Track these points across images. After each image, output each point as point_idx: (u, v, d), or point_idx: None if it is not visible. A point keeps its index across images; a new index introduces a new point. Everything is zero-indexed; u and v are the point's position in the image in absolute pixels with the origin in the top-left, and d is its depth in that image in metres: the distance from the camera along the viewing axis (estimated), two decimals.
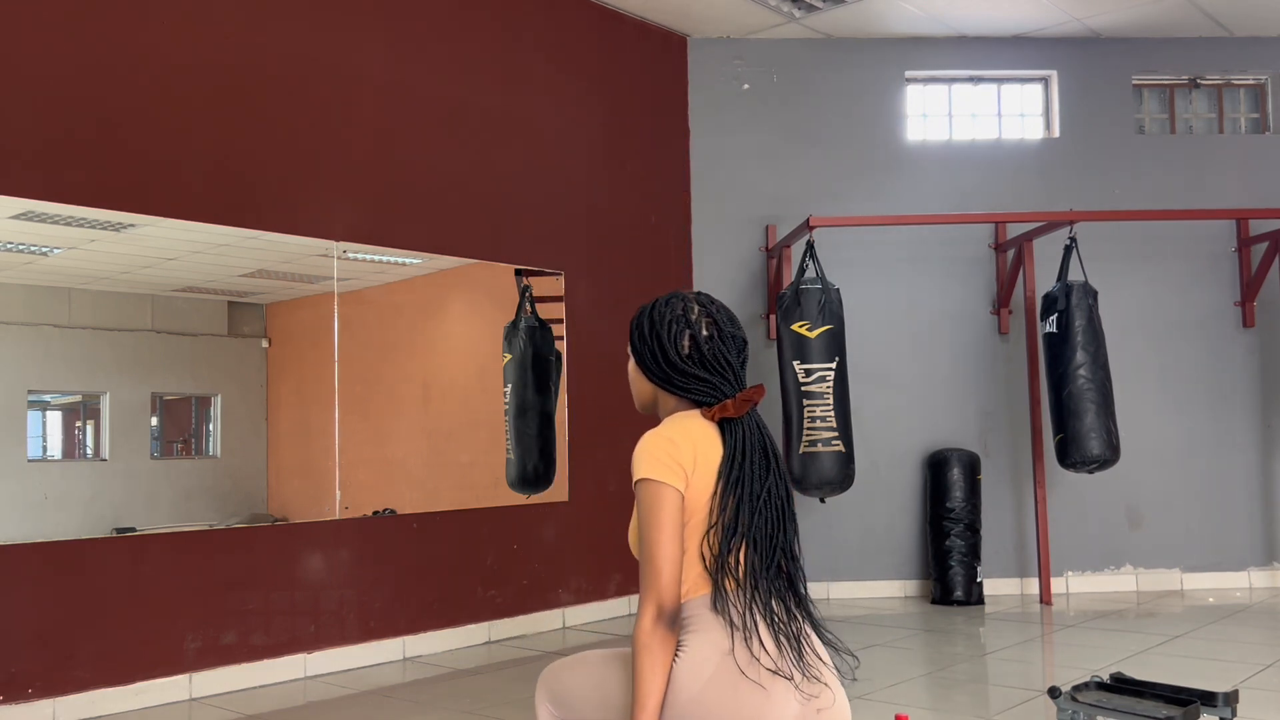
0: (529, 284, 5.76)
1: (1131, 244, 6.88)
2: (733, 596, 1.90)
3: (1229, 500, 6.87)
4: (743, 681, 1.85)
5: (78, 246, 4.33)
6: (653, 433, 1.98)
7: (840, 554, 6.73)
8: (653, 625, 1.85)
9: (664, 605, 1.86)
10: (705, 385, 2.03)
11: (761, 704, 1.85)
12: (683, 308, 2.06)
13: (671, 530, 1.88)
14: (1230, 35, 7.02)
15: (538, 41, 6.08)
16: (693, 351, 2.04)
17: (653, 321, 2.07)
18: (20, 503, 4.07)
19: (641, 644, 1.85)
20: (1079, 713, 3.34)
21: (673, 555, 1.88)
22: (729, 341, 2.06)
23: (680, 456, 1.92)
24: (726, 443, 1.97)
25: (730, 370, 2.05)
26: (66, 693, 4.08)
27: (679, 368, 2.03)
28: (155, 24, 4.53)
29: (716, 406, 2.00)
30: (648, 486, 1.91)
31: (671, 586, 1.87)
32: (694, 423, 1.99)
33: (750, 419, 2.00)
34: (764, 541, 1.94)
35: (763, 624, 1.89)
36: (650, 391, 2.12)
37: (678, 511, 1.90)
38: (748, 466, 1.95)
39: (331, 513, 4.98)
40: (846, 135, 6.94)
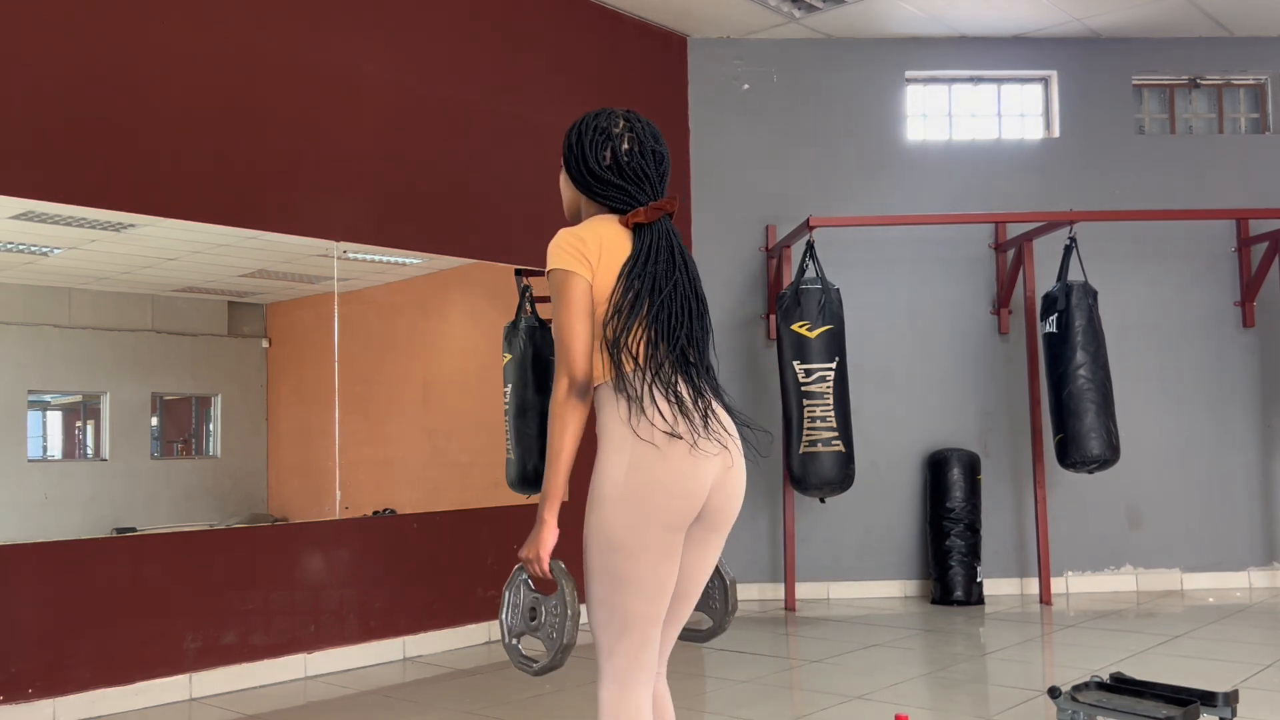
0: (529, 284, 5.76)
1: (1131, 244, 6.88)
2: (630, 375, 2.09)
3: (1229, 500, 6.87)
4: (647, 448, 2.06)
5: (78, 246, 4.33)
6: (566, 229, 2.17)
7: (840, 554, 6.73)
8: (565, 395, 2.07)
9: (575, 376, 2.07)
10: (621, 194, 2.21)
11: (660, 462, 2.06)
12: (607, 121, 2.24)
13: (579, 311, 2.09)
14: (1230, 35, 7.02)
15: (538, 41, 6.08)
16: (612, 162, 2.21)
17: (579, 132, 2.24)
18: (20, 503, 4.07)
19: (554, 412, 2.07)
20: (1079, 713, 3.34)
21: (581, 333, 2.08)
22: (649, 156, 2.24)
23: (586, 250, 2.11)
24: (635, 243, 2.15)
25: (647, 181, 2.23)
26: (66, 693, 4.08)
27: (598, 175, 2.21)
28: (155, 24, 4.53)
29: (630, 213, 2.18)
30: (555, 275, 2.12)
31: (580, 360, 2.07)
32: (607, 225, 2.18)
33: (662, 225, 2.19)
34: (666, 330, 2.11)
35: (661, 399, 2.08)
36: (575, 199, 2.30)
37: (584, 296, 2.10)
38: (650, 264, 2.13)
39: (331, 513, 4.98)
40: (846, 135, 6.94)
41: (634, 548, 2.07)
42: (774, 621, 6.02)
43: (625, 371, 2.09)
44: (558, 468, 2.07)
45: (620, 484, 2.07)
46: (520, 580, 2.16)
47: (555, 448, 2.07)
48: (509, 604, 2.18)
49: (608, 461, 2.09)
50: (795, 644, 5.42)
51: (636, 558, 2.08)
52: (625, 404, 2.08)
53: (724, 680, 4.61)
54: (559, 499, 2.11)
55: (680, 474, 2.07)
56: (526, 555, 2.10)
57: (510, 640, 2.18)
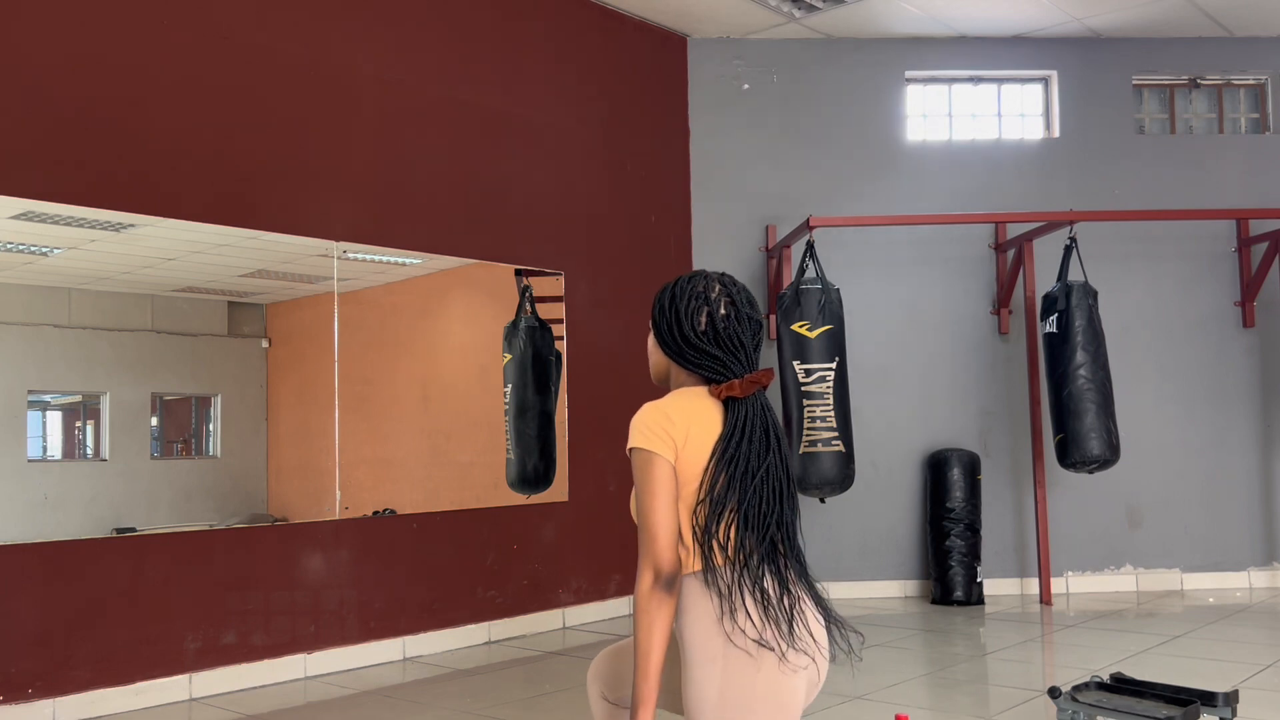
0: (529, 284, 5.76)
1: (1131, 244, 6.88)
2: (721, 569, 1.96)
3: (1229, 500, 6.87)
4: (730, 649, 1.94)
5: (78, 246, 4.33)
6: (650, 404, 2.05)
7: (840, 554, 6.73)
8: (650, 588, 1.93)
9: (660, 568, 1.94)
10: (716, 363, 2.09)
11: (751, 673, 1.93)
12: (704, 285, 2.13)
13: (664, 497, 1.96)
14: (1230, 35, 7.02)
15: (538, 41, 6.08)
16: (708, 329, 2.09)
17: (674, 296, 2.13)
18: (20, 503, 4.07)
19: (640, 606, 1.94)
20: (1079, 713, 3.34)
21: (666, 521, 1.95)
22: (745, 323, 2.13)
23: (672, 429, 2.00)
24: (727, 420, 2.03)
25: (743, 351, 2.11)
26: (66, 693, 4.08)
27: (693, 343, 2.10)
28: (155, 24, 4.53)
29: (724, 385, 2.06)
30: (638, 455, 2.00)
31: (667, 550, 1.94)
32: (696, 400, 2.06)
33: (756, 400, 2.06)
34: (757, 519, 1.99)
35: (749, 598, 1.95)
36: (665, 365, 2.19)
37: (669, 480, 1.98)
38: (744, 445, 2.01)
39: (331, 513, 4.98)
40: (846, 135, 6.94)
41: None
42: None
43: (715, 564, 1.96)
44: (648, 671, 1.92)
45: (716, 704, 1.94)
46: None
47: (645, 648, 1.92)
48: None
49: (697, 675, 1.96)
50: None
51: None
52: (716, 600, 1.95)
53: None
54: (653, 706, 1.94)
55: (772, 693, 1.94)
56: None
57: None
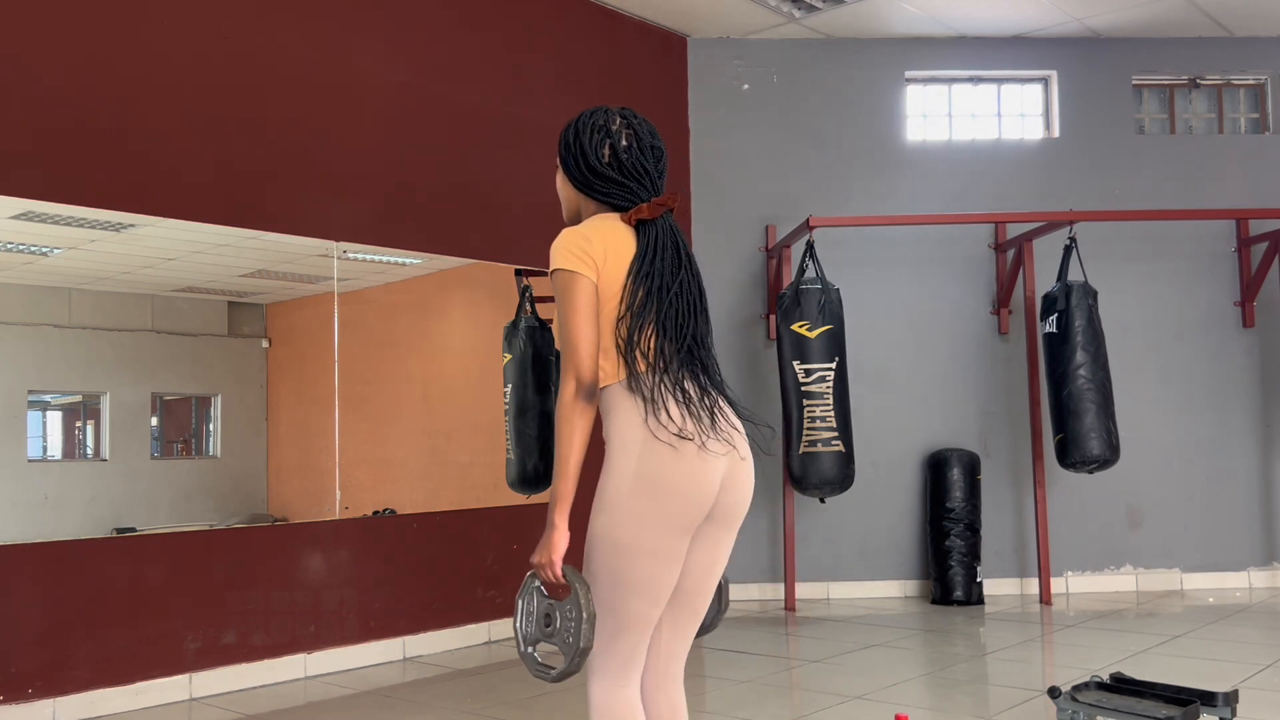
0: (529, 284, 5.75)
1: (1131, 244, 6.88)
2: (644, 376, 2.08)
3: (1229, 500, 6.87)
4: (660, 445, 2.05)
5: (78, 246, 4.33)
6: (569, 229, 2.15)
7: (840, 554, 6.73)
8: (572, 398, 2.04)
9: (582, 378, 2.05)
10: (623, 190, 2.19)
11: (675, 461, 2.05)
12: (604, 119, 2.21)
13: (585, 312, 2.07)
14: (1230, 35, 7.02)
15: (538, 41, 6.08)
16: (612, 159, 2.19)
17: (577, 131, 2.21)
18: (20, 503, 4.07)
19: (562, 416, 2.05)
20: (1079, 713, 3.34)
21: (588, 334, 2.06)
22: (647, 152, 2.21)
23: (591, 250, 2.09)
24: (640, 240, 2.14)
25: (647, 177, 2.20)
26: (66, 693, 4.08)
27: (598, 173, 2.19)
28: (155, 24, 4.53)
29: (632, 210, 2.16)
30: (561, 276, 2.09)
31: (587, 362, 2.05)
32: (610, 223, 2.16)
33: (664, 221, 2.17)
34: (674, 329, 2.11)
35: (670, 398, 2.07)
36: (575, 199, 2.27)
37: (590, 297, 2.08)
38: (658, 261, 2.12)
39: (331, 513, 4.98)
40: (846, 135, 6.94)
41: (642, 550, 2.07)
42: (774, 621, 6.02)
43: (638, 371, 2.08)
44: (567, 471, 2.05)
45: (630, 487, 2.06)
46: (533, 587, 2.13)
47: (564, 451, 2.04)
48: (523, 612, 2.15)
49: (616, 464, 2.08)
50: (795, 644, 5.42)
51: (643, 560, 2.07)
52: (641, 404, 2.07)
53: (724, 680, 4.61)
54: (569, 502, 2.08)
55: (690, 475, 2.06)
56: (539, 560, 2.07)
57: (526, 649, 2.15)
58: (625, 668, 2.14)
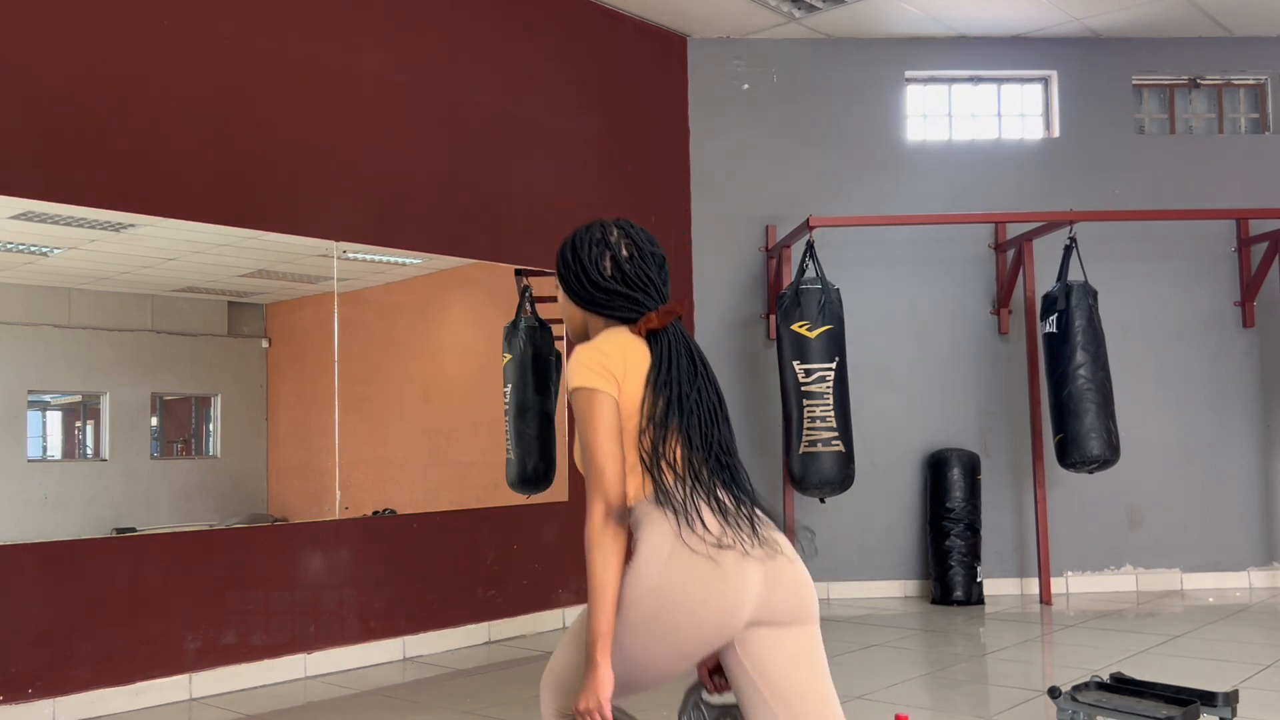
0: (529, 284, 5.76)
1: (1131, 244, 6.88)
2: (673, 487, 2.00)
3: (1229, 500, 6.87)
4: (694, 558, 1.94)
5: (78, 246, 4.33)
6: (582, 346, 2.08)
7: (840, 554, 6.73)
8: (602, 523, 1.94)
9: (610, 502, 1.96)
10: (629, 302, 2.13)
11: (712, 575, 1.94)
12: (602, 232, 2.16)
13: (609, 431, 1.98)
14: (1230, 35, 7.02)
15: (538, 41, 6.08)
16: (614, 271, 2.13)
17: (574, 247, 2.16)
18: (20, 503, 4.07)
19: (593, 542, 1.94)
20: (1079, 713, 3.34)
21: (613, 454, 1.98)
22: (649, 259, 2.15)
23: (610, 364, 2.02)
24: (654, 350, 2.07)
25: (652, 286, 2.14)
26: (66, 693, 4.08)
27: (602, 287, 2.13)
28: (155, 24, 4.53)
29: (642, 320, 2.10)
30: (582, 395, 2.01)
31: (615, 484, 1.97)
32: (623, 336, 2.09)
33: (675, 329, 2.11)
34: (699, 438, 2.04)
35: (705, 508, 1.98)
36: (580, 317, 2.20)
37: (613, 415, 2.00)
38: (674, 371, 2.05)
39: (331, 513, 4.98)
40: (846, 135, 6.94)
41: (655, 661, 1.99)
42: None
43: (666, 483, 1.99)
44: (605, 604, 1.92)
45: (648, 597, 1.95)
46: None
47: (600, 581, 1.92)
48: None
49: (638, 571, 1.96)
50: None
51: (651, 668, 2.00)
52: (672, 516, 1.97)
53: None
54: (610, 638, 1.93)
55: (719, 591, 1.95)
56: (586, 707, 1.91)
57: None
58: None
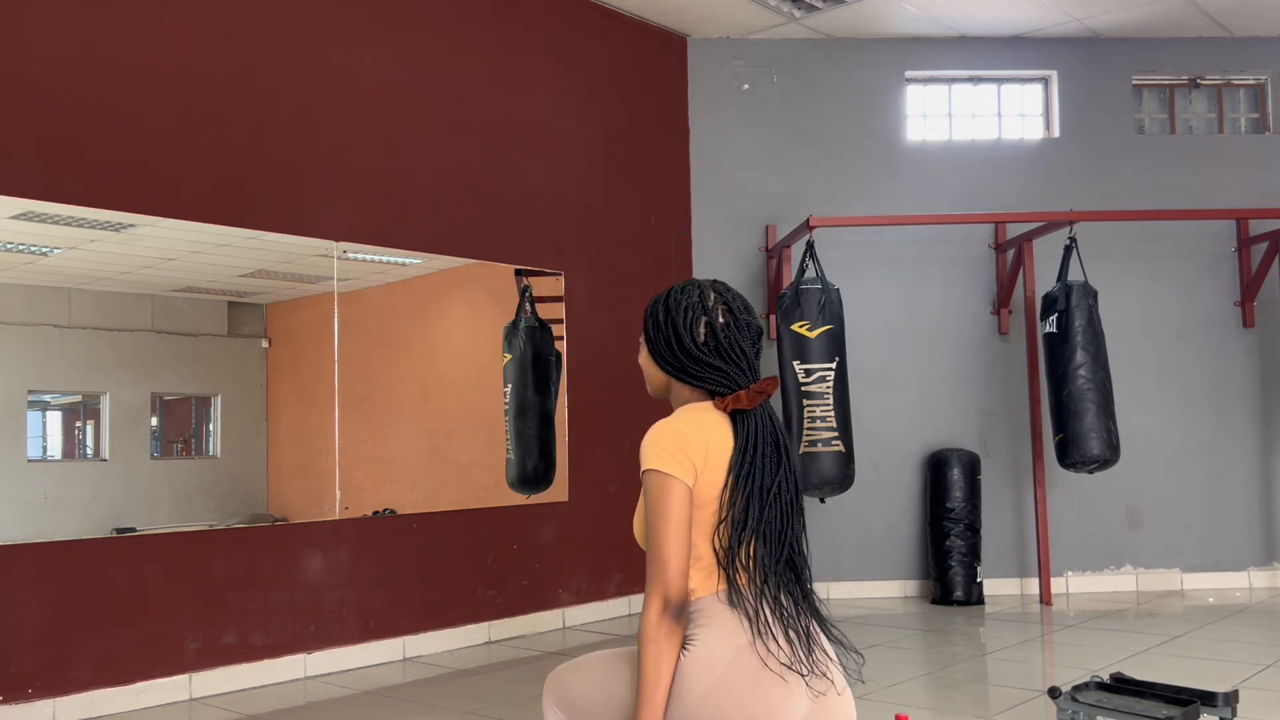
0: (529, 284, 5.76)
1: (1131, 244, 6.88)
2: (745, 588, 1.88)
3: (1229, 500, 6.87)
4: (763, 674, 1.83)
5: (78, 246, 4.33)
6: (663, 423, 1.94)
7: (840, 554, 6.73)
8: (658, 618, 1.83)
9: (670, 597, 1.84)
10: (719, 375, 1.99)
11: (779, 697, 1.83)
12: (699, 294, 2.02)
13: (679, 523, 1.86)
14: (1230, 35, 7.02)
15: (538, 42, 6.08)
16: (708, 339, 2.00)
17: (668, 309, 2.02)
18: (20, 503, 4.07)
19: (648, 637, 1.83)
20: (1079, 713, 3.34)
21: (679, 548, 1.85)
22: (744, 330, 2.02)
23: (690, 450, 1.89)
24: (738, 435, 1.93)
25: (745, 359, 2.01)
26: (66, 693, 4.08)
27: (694, 356, 1.99)
28: (156, 24, 4.53)
29: (730, 397, 1.96)
30: (655, 478, 1.87)
31: (678, 579, 1.84)
32: (706, 414, 1.95)
33: (763, 411, 1.96)
34: (773, 536, 1.91)
35: (773, 618, 1.87)
36: (663, 380, 2.07)
37: (685, 505, 1.87)
38: (759, 460, 1.92)
39: (331, 513, 4.98)
40: (846, 135, 6.94)
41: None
42: None
43: (738, 584, 1.88)
44: (655, 704, 1.81)
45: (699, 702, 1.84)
46: None
47: (651, 679, 1.81)
48: None
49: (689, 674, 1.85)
50: None
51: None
52: (745, 623, 1.86)
53: None
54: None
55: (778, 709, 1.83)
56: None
57: None
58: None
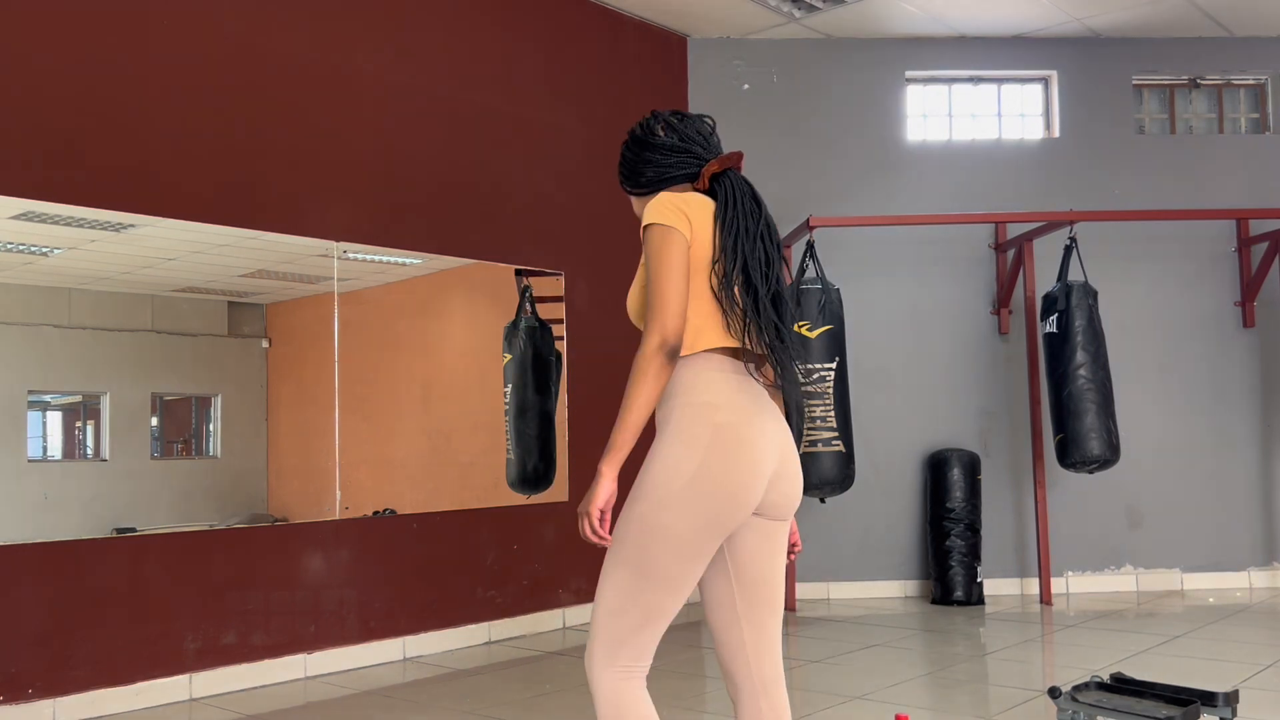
0: (529, 284, 5.76)
1: (1131, 244, 6.88)
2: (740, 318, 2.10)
3: (1229, 500, 6.87)
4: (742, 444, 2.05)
5: (78, 246, 4.33)
6: (664, 193, 2.16)
7: (840, 554, 6.73)
8: (654, 351, 2.01)
9: (667, 336, 2.01)
10: (687, 156, 2.24)
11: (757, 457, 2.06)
12: (650, 114, 2.33)
13: (678, 268, 2.05)
14: (1230, 35, 7.02)
15: (538, 41, 6.08)
16: (668, 134, 2.26)
17: (630, 135, 2.31)
18: (20, 503, 4.07)
19: (640, 368, 2.00)
20: (1079, 713, 3.34)
21: (679, 290, 2.04)
22: (694, 121, 2.29)
23: (688, 210, 2.11)
24: (719, 193, 2.17)
25: (702, 138, 2.27)
26: (66, 693, 4.08)
27: (658, 147, 2.25)
28: (156, 24, 4.53)
29: (704, 170, 2.21)
30: (655, 230, 2.08)
31: (676, 318, 2.02)
32: (690, 194, 2.18)
33: (735, 173, 2.20)
34: (759, 275, 2.12)
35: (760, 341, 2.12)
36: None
37: (684, 253, 2.07)
38: (740, 208, 2.15)
39: (331, 513, 4.98)
40: (846, 135, 6.94)
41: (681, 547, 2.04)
42: None
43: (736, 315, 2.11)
44: (629, 423, 2.00)
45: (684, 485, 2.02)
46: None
47: (632, 403, 2.00)
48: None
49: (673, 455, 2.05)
50: (795, 644, 5.42)
51: (678, 557, 2.05)
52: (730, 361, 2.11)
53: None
54: (623, 456, 2.03)
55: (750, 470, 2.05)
56: (584, 509, 2.04)
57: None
58: (637, 659, 2.12)
